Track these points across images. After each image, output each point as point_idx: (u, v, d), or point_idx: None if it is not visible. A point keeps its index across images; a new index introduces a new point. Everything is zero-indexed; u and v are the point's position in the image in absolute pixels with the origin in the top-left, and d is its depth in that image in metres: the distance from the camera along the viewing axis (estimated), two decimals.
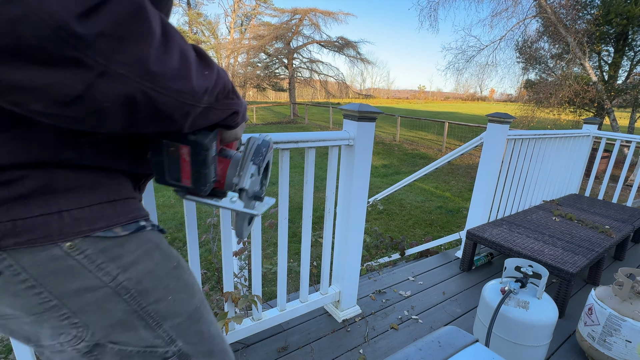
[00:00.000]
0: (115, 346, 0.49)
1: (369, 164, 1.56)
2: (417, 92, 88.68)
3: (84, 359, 0.49)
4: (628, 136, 3.01)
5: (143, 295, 0.50)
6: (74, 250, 0.44)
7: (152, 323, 0.52)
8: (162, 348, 0.53)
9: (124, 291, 0.48)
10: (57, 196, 0.43)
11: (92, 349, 0.48)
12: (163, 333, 0.53)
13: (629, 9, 8.63)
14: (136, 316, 0.50)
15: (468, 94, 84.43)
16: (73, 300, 0.45)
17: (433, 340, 0.62)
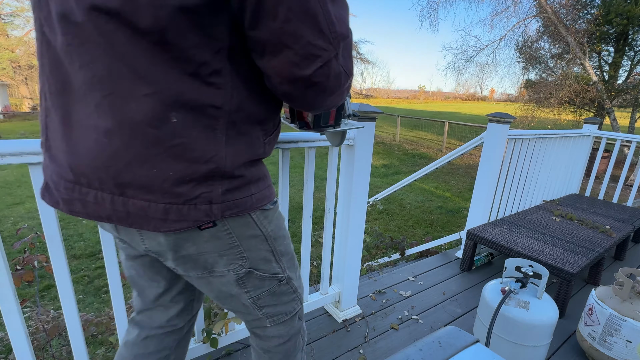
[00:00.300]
0: (258, 272, 0.77)
1: (369, 164, 1.55)
2: (417, 92, 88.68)
3: (235, 283, 0.76)
4: (628, 136, 3.01)
5: (276, 240, 0.79)
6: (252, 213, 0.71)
7: (277, 258, 0.80)
8: (281, 274, 0.82)
9: (269, 237, 0.77)
10: (250, 185, 0.68)
11: (244, 275, 0.75)
12: (282, 264, 0.82)
13: (629, 8, 8.63)
14: (271, 253, 0.78)
15: (468, 94, 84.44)
16: (245, 242, 0.72)
17: (433, 340, 0.62)
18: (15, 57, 19.86)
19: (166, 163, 0.56)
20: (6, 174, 7.09)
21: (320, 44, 0.53)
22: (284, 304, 0.86)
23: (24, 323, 0.99)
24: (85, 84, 0.54)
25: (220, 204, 0.63)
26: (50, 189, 0.64)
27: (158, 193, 0.58)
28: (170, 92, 0.53)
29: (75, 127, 0.57)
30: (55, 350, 1.61)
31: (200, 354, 1.39)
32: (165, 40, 0.50)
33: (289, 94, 0.61)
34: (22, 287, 3.05)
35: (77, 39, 0.51)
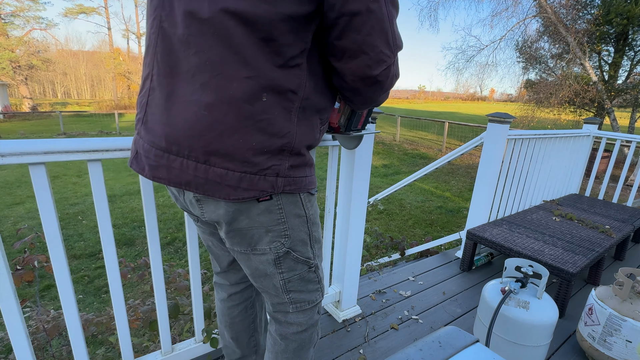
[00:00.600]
0: (294, 254, 0.85)
1: (369, 164, 1.56)
2: (417, 92, 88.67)
3: (273, 262, 0.83)
4: (628, 136, 3.01)
5: (313, 225, 0.88)
6: (302, 194, 0.82)
7: (312, 243, 0.89)
8: (312, 260, 0.90)
9: (309, 221, 0.86)
10: (306, 167, 0.79)
11: (282, 255, 0.83)
12: (314, 250, 0.90)
13: (629, 8, 8.63)
14: (308, 237, 0.87)
15: (468, 94, 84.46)
16: (291, 220, 0.81)
17: (433, 340, 0.62)
18: (15, 57, 19.85)
19: (252, 135, 0.69)
20: (6, 174, 7.09)
21: (387, 53, 0.70)
22: (309, 292, 0.93)
23: (24, 323, 0.99)
24: (196, 67, 0.67)
25: (284, 178, 0.75)
26: (139, 157, 0.78)
27: (238, 161, 0.70)
28: (266, 77, 0.67)
29: (177, 103, 0.70)
30: (55, 350, 1.61)
31: (200, 354, 1.39)
32: (270, 38, 0.65)
33: (357, 89, 0.76)
34: (22, 287, 3.06)
35: (198, 31, 0.65)
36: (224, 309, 1.13)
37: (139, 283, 3.29)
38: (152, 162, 0.74)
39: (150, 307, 1.63)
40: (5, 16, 20.24)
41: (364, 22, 0.66)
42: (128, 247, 4.17)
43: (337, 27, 0.68)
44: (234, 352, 1.18)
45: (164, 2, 0.69)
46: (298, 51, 0.69)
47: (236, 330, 1.15)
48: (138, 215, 5.13)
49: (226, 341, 1.18)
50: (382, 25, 0.67)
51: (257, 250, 0.82)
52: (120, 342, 1.17)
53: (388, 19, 0.68)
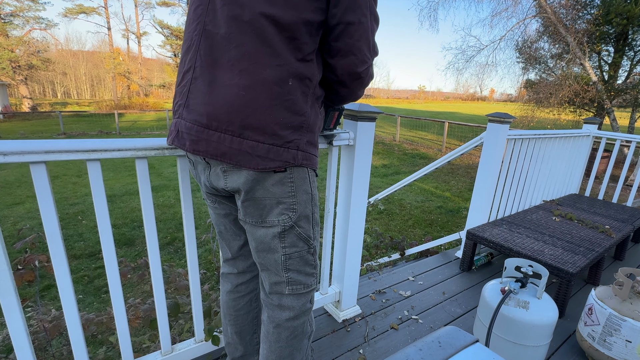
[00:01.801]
0: (298, 229, 0.94)
1: (369, 164, 1.56)
2: (417, 92, 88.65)
3: (278, 236, 0.93)
4: (628, 136, 3.01)
5: (315, 206, 0.98)
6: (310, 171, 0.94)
7: (313, 223, 0.98)
8: (312, 240, 0.98)
9: (313, 200, 0.96)
10: (315, 148, 0.94)
11: (288, 229, 0.92)
12: (314, 232, 0.99)
13: (629, 8, 8.63)
14: (311, 215, 0.96)
15: (468, 94, 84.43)
16: (300, 195, 0.92)
17: (433, 340, 0.62)
18: (15, 57, 19.85)
19: (280, 112, 0.84)
20: (6, 174, 7.09)
21: (369, 55, 0.91)
22: (305, 274, 0.99)
23: (25, 322, 0.99)
24: (236, 58, 0.82)
25: (302, 152, 0.89)
26: (181, 135, 0.90)
27: (267, 135, 0.83)
28: (291, 66, 0.84)
29: (218, 87, 0.84)
30: (55, 350, 1.61)
31: (200, 354, 1.39)
32: (294, 37, 0.82)
33: (344, 82, 0.93)
34: (22, 287, 3.05)
35: (239, 30, 0.81)
36: (229, 301, 1.18)
37: (139, 283, 3.29)
38: (193, 137, 0.87)
39: (151, 306, 1.64)
40: (5, 16, 20.23)
41: (356, 30, 0.86)
42: (128, 247, 4.17)
43: (335, 31, 0.86)
44: (236, 349, 1.21)
45: (207, 10, 0.86)
46: (311, 49, 0.87)
47: (240, 325, 1.18)
48: (138, 215, 5.13)
49: (229, 337, 1.20)
50: (367, 35, 0.88)
51: (266, 223, 0.92)
52: (120, 342, 1.17)
53: (371, 31, 0.90)
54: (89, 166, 0.99)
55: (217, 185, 0.95)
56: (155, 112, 20.72)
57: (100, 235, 1.04)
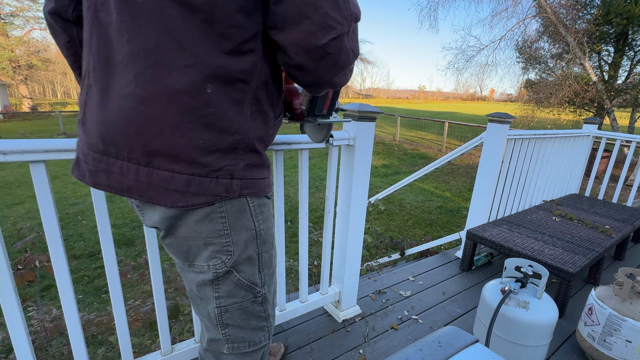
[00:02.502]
0: (237, 275, 0.71)
1: (369, 163, 1.56)
2: (417, 92, 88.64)
3: (210, 283, 0.71)
4: (628, 136, 3.01)
5: (264, 244, 0.74)
6: (251, 200, 0.69)
7: (261, 266, 0.75)
8: (259, 288, 0.75)
9: (259, 237, 0.72)
10: (264, 169, 0.70)
11: (222, 275, 0.70)
12: (262, 276, 0.76)
13: (629, 8, 8.63)
14: (256, 257, 0.73)
15: (468, 94, 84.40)
16: (237, 234, 0.69)
17: (433, 340, 0.62)
18: (15, 57, 19.86)
19: (197, 131, 0.61)
20: (6, 174, 7.09)
21: (337, 17, 0.58)
22: (251, 329, 0.76)
23: (24, 322, 0.99)
24: (130, 56, 0.59)
25: (240, 180, 0.66)
26: (80, 163, 0.68)
27: (184, 162, 0.62)
28: (209, 65, 0.59)
29: (112, 98, 0.61)
30: (55, 350, 1.61)
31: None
32: (213, 19, 0.57)
33: (303, 65, 0.63)
34: (22, 287, 3.06)
35: (131, 16, 0.57)
36: None
37: (139, 282, 3.29)
38: (91, 166, 0.65)
39: (151, 308, 1.64)
40: (5, 16, 20.23)
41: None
42: (128, 247, 4.17)
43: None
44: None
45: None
46: (251, 34, 0.60)
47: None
48: (138, 215, 5.13)
49: None
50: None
51: (194, 267, 0.71)
52: (119, 342, 1.17)
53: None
54: None
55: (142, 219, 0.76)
56: None
57: (100, 236, 1.04)
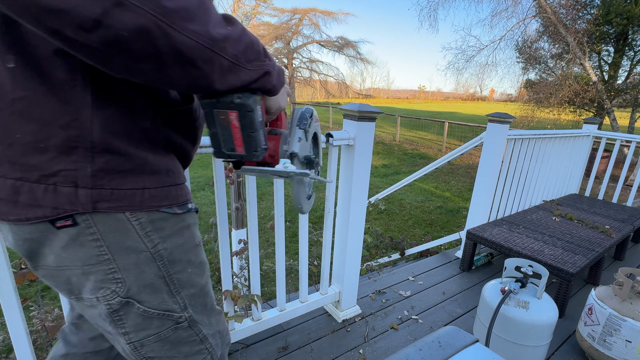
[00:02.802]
0: (141, 307, 0.58)
1: (369, 163, 1.56)
2: (417, 92, 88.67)
3: (109, 317, 0.58)
4: (628, 136, 3.01)
5: (173, 264, 0.60)
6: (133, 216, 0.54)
7: (174, 289, 0.61)
8: (178, 313, 0.62)
9: (159, 258, 0.58)
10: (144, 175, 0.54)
11: (121, 307, 0.57)
12: (180, 300, 0.62)
13: (629, 8, 8.63)
14: (163, 281, 0.59)
15: (468, 94, 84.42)
16: (121, 258, 0.55)
17: (433, 340, 0.62)
18: None
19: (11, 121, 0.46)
20: None
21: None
22: (183, 357, 0.65)
23: (24, 322, 0.99)
24: None
25: (90, 190, 0.49)
26: None
27: (6, 163, 0.48)
28: None
29: None
30: None
31: None
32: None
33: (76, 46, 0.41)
34: (23, 286, 3.06)
35: None
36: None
37: None
38: None
39: None
40: None
41: None
42: None
43: None
44: None
45: None
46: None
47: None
48: None
49: None
50: None
51: (84, 301, 0.58)
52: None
53: None
54: None
55: None
56: None
57: None
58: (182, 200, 0.61)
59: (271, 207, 5.63)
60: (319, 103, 26.22)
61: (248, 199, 1.33)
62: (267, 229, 1.99)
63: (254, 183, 1.31)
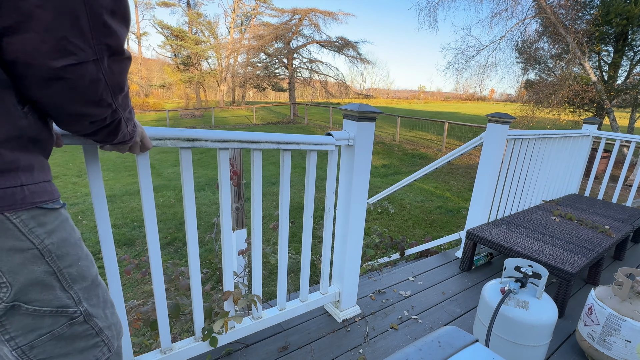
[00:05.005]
0: (30, 307, 0.56)
1: (369, 164, 1.56)
2: (417, 92, 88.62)
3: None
4: (628, 136, 3.01)
5: (61, 258, 0.59)
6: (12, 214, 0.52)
7: (66, 284, 0.60)
8: (72, 308, 0.62)
9: (48, 253, 0.57)
10: (19, 172, 0.53)
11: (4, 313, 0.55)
12: (74, 294, 0.62)
13: (629, 9, 8.63)
14: (54, 277, 0.58)
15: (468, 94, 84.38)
16: (5, 260, 0.52)
17: (433, 340, 0.62)
18: None
19: None
20: None
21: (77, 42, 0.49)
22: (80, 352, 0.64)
23: None
24: None
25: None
26: None
27: None
28: None
29: None
30: None
31: (200, 352, 1.39)
32: None
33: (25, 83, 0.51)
34: None
35: None
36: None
37: (139, 282, 3.29)
38: None
39: (151, 307, 1.64)
40: None
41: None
42: (128, 247, 4.17)
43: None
44: None
45: None
46: None
47: None
48: (138, 215, 5.13)
49: None
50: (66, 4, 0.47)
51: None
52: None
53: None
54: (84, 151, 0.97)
55: None
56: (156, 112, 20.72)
57: (100, 236, 1.04)
58: (57, 195, 0.61)
59: (272, 207, 5.63)
60: (319, 103, 26.21)
61: (253, 200, 1.33)
62: (268, 229, 1.99)
63: (260, 183, 1.31)
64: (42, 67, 0.48)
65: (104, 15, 0.51)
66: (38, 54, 0.47)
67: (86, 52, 0.51)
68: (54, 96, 0.53)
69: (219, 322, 1.37)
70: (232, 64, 24.81)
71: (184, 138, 1.08)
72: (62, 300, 0.60)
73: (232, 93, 29.58)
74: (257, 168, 1.29)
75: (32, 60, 0.47)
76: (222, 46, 25.09)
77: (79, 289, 0.63)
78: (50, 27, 0.46)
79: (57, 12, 0.46)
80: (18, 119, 0.53)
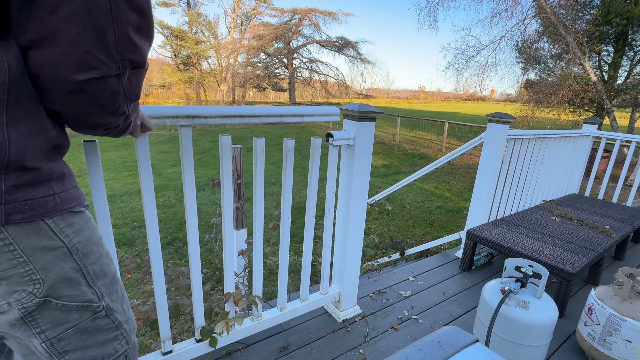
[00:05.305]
0: (59, 301, 0.60)
1: (369, 164, 1.56)
2: (417, 92, 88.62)
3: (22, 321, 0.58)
4: (628, 136, 3.01)
5: (87, 256, 0.64)
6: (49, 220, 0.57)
7: (90, 281, 0.65)
8: (96, 303, 0.66)
9: (76, 251, 0.62)
10: (52, 182, 0.57)
11: (35, 309, 0.58)
12: (97, 290, 0.66)
13: (629, 9, 8.63)
14: (81, 274, 0.63)
15: (468, 94, 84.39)
16: (38, 258, 0.56)
17: (433, 340, 0.62)
18: None
19: None
20: None
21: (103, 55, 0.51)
22: (101, 344, 0.68)
23: None
24: None
25: (3, 205, 0.51)
26: None
27: None
28: None
29: None
30: None
31: (200, 353, 1.39)
32: None
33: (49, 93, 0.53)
34: None
35: None
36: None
37: (139, 282, 3.29)
38: None
39: (151, 307, 1.64)
40: None
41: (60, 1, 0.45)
42: (128, 247, 4.17)
43: None
44: None
45: None
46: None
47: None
48: (138, 215, 5.13)
49: None
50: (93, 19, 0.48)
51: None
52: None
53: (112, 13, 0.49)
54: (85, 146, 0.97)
55: None
56: None
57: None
58: (83, 198, 0.65)
59: (272, 207, 5.64)
60: (319, 103, 26.20)
61: (255, 200, 1.33)
62: (268, 229, 1.99)
63: (262, 183, 1.30)
64: (65, 80, 0.50)
65: (130, 31, 0.53)
66: (61, 67, 0.49)
67: (109, 67, 0.53)
68: (74, 107, 0.56)
69: (220, 324, 1.37)
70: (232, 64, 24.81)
71: (182, 115, 1.05)
72: (87, 295, 0.64)
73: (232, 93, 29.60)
74: (260, 160, 1.28)
75: (54, 73, 0.50)
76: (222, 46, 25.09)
77: (101, 285, 0.67)
78: (75, 41, 0.48)
79: (84, 26, 0.48)
80: (49, 130, 0.56)
